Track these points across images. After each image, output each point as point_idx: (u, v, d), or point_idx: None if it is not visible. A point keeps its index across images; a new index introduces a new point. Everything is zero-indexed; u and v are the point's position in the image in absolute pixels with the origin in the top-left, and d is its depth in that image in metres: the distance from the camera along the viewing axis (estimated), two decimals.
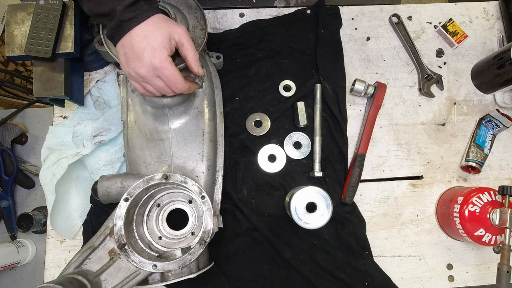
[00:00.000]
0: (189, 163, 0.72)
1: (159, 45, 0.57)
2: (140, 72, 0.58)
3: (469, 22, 0.94)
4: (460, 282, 0.81)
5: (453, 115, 0.89)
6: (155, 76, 0.59)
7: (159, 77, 0.59)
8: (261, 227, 0.78)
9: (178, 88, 0.61)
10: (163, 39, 0.57)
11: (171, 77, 0.58)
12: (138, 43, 0.56)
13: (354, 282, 0.77)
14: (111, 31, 0.58)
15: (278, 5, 0.93)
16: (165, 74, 0.58)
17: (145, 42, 0.56)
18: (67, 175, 0.75)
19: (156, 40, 0.56)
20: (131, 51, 0.57)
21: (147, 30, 0.57)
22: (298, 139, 0.84)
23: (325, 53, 0.88)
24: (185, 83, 0.61)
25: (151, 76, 0.58)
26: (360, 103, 0.88)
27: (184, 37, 0.59)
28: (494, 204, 0.73)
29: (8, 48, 0.70)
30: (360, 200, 0.84)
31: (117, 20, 0.56)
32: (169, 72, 0.58)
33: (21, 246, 0.95)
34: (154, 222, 0.72)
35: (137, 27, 0.57)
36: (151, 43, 0.56)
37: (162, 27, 0.57)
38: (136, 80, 0.61)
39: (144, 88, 0.62)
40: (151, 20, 0.57)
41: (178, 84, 0.60)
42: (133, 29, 0.57)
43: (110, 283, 0.63)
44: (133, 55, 0.57)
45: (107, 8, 0.56)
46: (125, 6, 0.55)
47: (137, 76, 0.59)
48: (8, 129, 0.99)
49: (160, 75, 0.58)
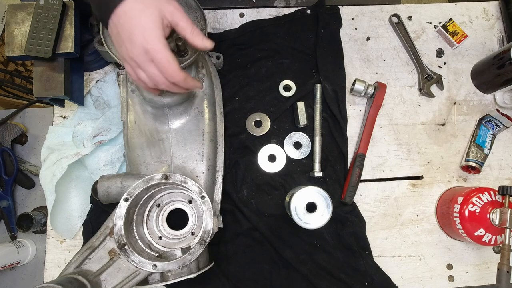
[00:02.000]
0: (189, 163, 0.72)
1: (149, 25, 0.51)
2: (132, 55, 0.53)
3: (469, 22, 0.94)
4: (460, 282, 0.81)
5: (453, 115, 0.89)
6: (148, 61, 0.54)
7: (152, 62, 0.54)
8: (261, 227, 0.78)
9: (172, 75, 0.54)
10: (154, 18, 0.52)
11: (164, 60, 0.53)
12: (127, 23, 0.51)
13: (354, 282, 0.77)
14: (97, 12, 0.54)
15: (278, 5, 0.93)
16: (158, 57, 0.52)
17: (134, 22, 0.51)
18: (67, 175, 0.75)
19: (146, 20, 0.51)
20: (122, 32, 0.52)
21: (135, 8, 0.51)
22: (298, 139, 0.84)
23: (325, 53, 0.88)
24: (181, 72, 0.55)
25: (143, 60, 0.53)
26: (360, 103, 0.88)
27: (176, 16, 0.54)
28: (494, 204, 0.73)
29: (8, 48, 0.70)
30: (360, 200, 0.84)
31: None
32: (161, 55, 0.52)
33: (21, 246, 0.95)
34: (154, 222, 0.72)
35: (123, 3, 0.51)
36: (141, 23, 0.51)
37: (152, 3, 0.52)
38: (130, 65, 0.56)
39: (137, 76, 0.57)
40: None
41: (171, 70, 0.54)
42: (119, 6, 0.51)
43: (110, 283, 0.63)
44: (124, 36, 0.53)
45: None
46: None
47: (130, 60, 0.55)
48: (8, 129, 0.99)
49: (153, 58, 0.53)
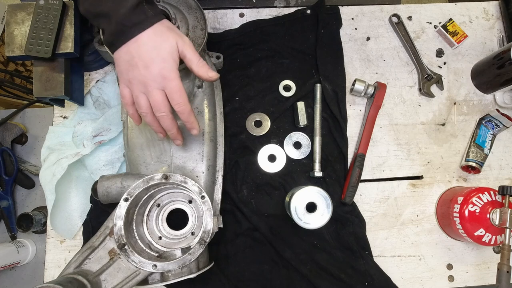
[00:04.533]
0: (189, 163, 0.72)
1: (168, 56, 0.55)
2: (145, 81, 0.56)
3: (469, 22, 0.94)
4: (460, 282, 0.81)
5: (453, 115, 0.89)
6: (159, 88, 0.57)
7: (162, 90, 0.57)
8: (261, 227, 0.78)
9: (180, 102, 0.58)
10: (171, 50, 0.56)
11: (176, 89, 0.56)
12: (147, 52, 0.54)
13: (354, 282, 0.77)
14: (111, 37, 0.56)
15: (278, 5, 0.93)
16: (171, 86, 0.56)
17: (155, 52, 0.55)
18: (67, 175, 0.75)
19: (165, 52, 0.55)
20: (139, 60, 0.55)
21: (156, 40, 0.55)
22: (298, 139, 0.84)
23: (325, 53, 0.88)
24: (189, 104, 0.59)
25: (155, 85, 0.56)
26: (360, 103, 0.88)
27: (186, 49, 0.58)
28: (494, 204, 0.73)
29: (8, 48, 0.70)
30: (360, 200, 0.84)
31: (119, 24, 0.53)
32: (175, 84, 0.56)
33: (21, 246, 0.95)
34: (154, 222, 0.72)
35: (143, 34, 0.54)
36: (160, 54, 0.55)
37: (170, 37, 0.56)
38: (133, 89, 0.58)
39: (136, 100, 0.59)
40: (158, 27, 0.55)
41: (180, 98, 0.57)
42: (140, 36, 0.54)
43: (110, 283, 0.63)
44: (140, 64, 0.55)
45: (106, 8, 0.53)
46: (128, 8, 0.52)
47: (138, 83, 0.57)
48: (8, 129, 0.99)
49: (166, 86, 0.56)
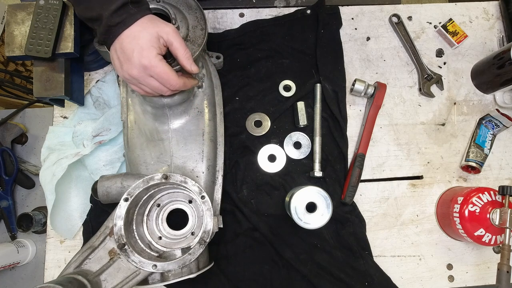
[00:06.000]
0: (189, 163, 0.72)
1: (147, 44, 0.56)
2: (132, 74, 0.58)
3: (469, 22, 0.94)
4: (460, 282, 0.81)
5: (453, 115, 0.89)
6: (148, 76, 0.59)
7: (152, 77, 0.59)
8: (261, 227, 0.78)
9: (172, 84, 0.60)
10: (150, 38, 0.57)
11: (162, 74, 0.58)
12: (127, 45, 0.56)
13: (354, 282, 0.77)
14: (102, 37, 0.59)
15: (278, 5, 0.93)
16: (156, 72, 0.58)
17: (134, 42, 0.56)
18: (67, 175, 0.75)
19: (143, 40, 0.56)
20: (122, 54, 0.57)
21: (135, 31, 0.57)
22: (298, 139, 0.84)
23: (325, 53, 0.88)
24: (179, 79, 0.60)
25: (143, 76, 0.58)
26: (360, 103, 0.88)
27: (172, 36, 0.58)
28: (494, 204, 0.73)
29: (8, 48, 0.70)
30: (360, 200, 0.84)
31: (105, 25, 0.56)
32: (159, 69, 0.57)
33: (21, 246, 0.95)
34: (154, 222, 0.72)
35: (126, 30, 0.57)
36: (139, 43, 0.56)
37: (149, 26, 0.57)
38: (132, 83, 0.61)
39: (143, 90, 0.62)
40: (139, 21, 0.57)
41: (171, 81, 0.59)
42: (123, 32, 0.57)
43: (110, 283, 0.63)
44: (124, 58, 0.57)
45: (95, 13, 0.57)
46: (111, 11, 0.55)
47: (131, 78, 0.59)
48: (8, 129, 0.99)
49: (152, 74, 0.58)
